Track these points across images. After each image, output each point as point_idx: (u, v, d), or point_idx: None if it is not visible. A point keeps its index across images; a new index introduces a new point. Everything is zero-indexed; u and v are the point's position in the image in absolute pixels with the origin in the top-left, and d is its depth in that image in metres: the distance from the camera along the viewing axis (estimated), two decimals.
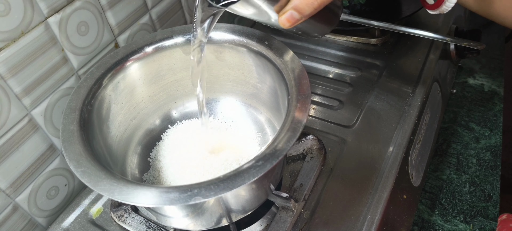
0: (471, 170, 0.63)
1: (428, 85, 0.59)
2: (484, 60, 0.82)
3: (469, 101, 0.74)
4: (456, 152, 0.66)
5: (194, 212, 0.39)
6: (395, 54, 0.66)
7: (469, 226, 0.56)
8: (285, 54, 0.43)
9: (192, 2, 0.69)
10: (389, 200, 0.46)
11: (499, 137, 0.67)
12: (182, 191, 0.32)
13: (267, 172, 0.33)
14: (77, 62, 0.51)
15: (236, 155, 0.47)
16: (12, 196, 0.47)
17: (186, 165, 0.46)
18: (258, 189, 0.41)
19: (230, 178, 0.32)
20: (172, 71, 0.50)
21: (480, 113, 0.72)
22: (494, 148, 0.66)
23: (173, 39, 0.48)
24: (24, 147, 0.47)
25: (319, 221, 0.44)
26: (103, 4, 0.52)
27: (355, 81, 0.62)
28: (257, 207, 0.43)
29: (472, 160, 0.65)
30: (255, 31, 0.47)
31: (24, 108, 0.46)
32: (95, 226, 0.48)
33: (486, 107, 0.73)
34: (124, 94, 0.47)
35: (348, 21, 0.56)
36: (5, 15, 0.41)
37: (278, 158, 0.33)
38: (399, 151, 0.50)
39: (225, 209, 0.40)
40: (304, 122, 0.36)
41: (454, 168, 0.64)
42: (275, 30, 0.44)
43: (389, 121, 0.54)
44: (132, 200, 0.32)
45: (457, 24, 0.71)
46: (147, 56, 0.47)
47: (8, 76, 0.43)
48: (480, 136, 0.68)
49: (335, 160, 0.50)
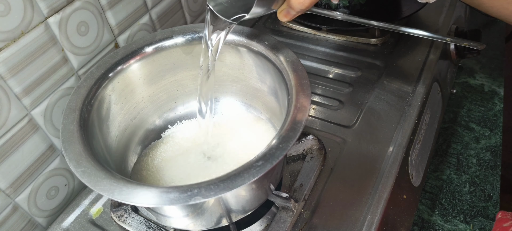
0: (471, 170, 0.63)
1: (428, 85, 0.59)
2: (484, 60, 0.82)
3: (469, 101, 0.74)
4: (456, 152, 0.66)
5: (194, 212, 0.39)
6: (395, 54, 0.66)
7: (469, 226, 0.56)
8: (285, 54, 0.43)
9: (192, 2, 0.69)
10: (389, 200, 0.46)
11: (499, 137, 0.67)
12: (182, 191, 0.32)
13: (267, 172, 0.32)
14: (77, 62, 0.51)
15: (236, 155, 0.47)
16: (12, 196, 0.47)
17: (185, 166, 0.46)
18: (258, 189, 0.41)
19: (230, 178, 0.32)
20: (172, 71, 0.50)
21: (480, 114, 0.72)
22: (494, 148, 0.66)
23: (173, 39, 0.48)
24: (24, 147, 0.47)
25: (319, 221, 0.44)
26: (103, 4, 0.52)
27: (355, 81, 0.61)
28: (257, 207, 0.43)
29: (472, 160, 0.65)
30: (255, 31, 0.47)
31: (24, 108, 0.46)
32: (95, 226, 0.48)
33: (486, 107, 0.73)
34: (124, 94, 0.47)
35: (348, 21, 0.56)
36: (5, 15, 0.41)
37: (278, 158, 0.33)
38: (399, 151, 0.50)
39: (225, 209, 0.40)
40: (304, 122, 0.36)
41: (454, 168, 0.64)
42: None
43: (389, 121, 0.54)
44: (132, 200, 0.32)
45: (457, 24, 0.71)
46: (147, 56, 0.47)
47: (8, 76, 0.43)
48: (480, 136, 0.68)
49: (335, 160, 0.50)
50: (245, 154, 0.48)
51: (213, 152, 0.49)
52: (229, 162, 0.46)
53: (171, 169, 0.47)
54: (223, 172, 0.33)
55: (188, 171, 0.46)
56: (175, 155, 0.48)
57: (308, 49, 0.69)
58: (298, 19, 0.70)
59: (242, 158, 0.47)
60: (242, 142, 0.50)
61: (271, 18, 0.77)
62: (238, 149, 0.49)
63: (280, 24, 0.75)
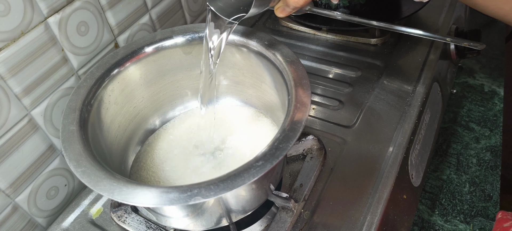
0: (471, 170, 0.63)
1: (428, 85, 0.59)
2: (484, 60, 0.82)
3: (469, 101, 0.74)
4: (456, 152, 0.66)
5: (194, 212, 0.39)
6: (395, 54, 0.65)
7: (469, 226, 0.56)
8: (285, 54, 0.43)
9: (192, 2, 0.69)
10: (389, 200, 0.46)
11: (499, 137, 0.67)
12: (182, 191, 0.31)
13: (267, 172, 0.32)
14: (77, 62, 0.51)
15: (237, 154, 0.47)
16: (12, 196, 0.47)
17: (185, 165, 0.46)
18: (258, 189, 0.41)
19: (230, 178, 0.32)
20: (172, 71, 0.50)
21: (480, 114, 0.72)
22: (494, 148, 0.66)
23: (173, 39, 0.48)
24: (24, 147, 0.47)
25: (319, 221, 0.44)
26: (103, 4, 0.52)
27: (355, 81, 0.61)
28: (257, 207, 0.43)
29: (472, 160, 0.65)
30: (255, 31, 0.47)
31: (24, 108, 0.46)
32: (95, 226, 0.48)
33: (486, 107, 0.73)
34: (124, 94, 0.47)
35: (348, 21, 0.56)
36: (5, 15, 0.41)
37: (278, 158, 0.33)
38: (399, 151, 0.50)
39: (225, 209, 0.40)
40: (304, 122, 0.36)
41: (454, 168, 0.64)
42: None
43: (389, 121, 0.54)
44: (132, 200, 0.32)
45: (457, 25, 0.71)
46: (147, 57, 0.47)
47: (8, 76, 0.43)
48: (480, 136, 0.68)
49: (335, 160, 0.50)
50: (245, 153, 0.48)
51: (214, 151, 0.49)
52: (229, 162, 0.46)
53: (170, 169, 0.47)
54: (224, 171, 0.33)
55: (188, 172, 0.46)
56: (175, 154, 0.48)
57: (308, 49, 0.69)
58: (298, 19, 0.70)
59: (244, 157, 0.47)
60: (243, 141, 0.50)
61: (271, 18, 0.77)
62: (239, 148, 0.49)
63: (280, 24, 0.75)
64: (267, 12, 0.77)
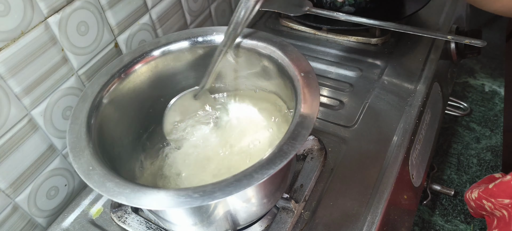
0: (472, 170, 0.63)
1: (429, 85, 0.59)
2: (485, 60, 0.82)
3: (469, 101, 0.74)
4: (457, 152, 0.66)
5: (200, 218, 0.38)
6: (396, 54, 0.65)
7: (469, 226, 0.56)
8: (293, 55, 0.43)
9: (192, 2, 0.69)
10: (390, 200, 0.46)
11: (499, 137, 0.67)
12: (192, 192, 0.31)
13: (278, 177, 0.33)
14: (77, 62, 0.51)
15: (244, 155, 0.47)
16: (12, 196, 0.47)
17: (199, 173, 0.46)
18: (267, 197, 0.41)
19: (237, 180, 0.32)
20: (178, 75, 0.50)
21: (481, 114, 0.72)
22: (495, 148, 0.66)
23: (178, 43, 0.48)
24: (24, 147, 0.47)
25: (319, 222, 0.44)
26: (103, 4, 0.52)
27: (355, 81, 0.61)
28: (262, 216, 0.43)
29: (473, 160, 0.65)
30: (261, 33, 0.46)
31: (24, 108, 0.46)
32: (95, 226, 0.48)
33: (487, 107, 0.73)
34: (129, 99, 0.47)
35: (348, 21, 0.56)
36: (5, 15, 0.41)
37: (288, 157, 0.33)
38: (399, 151, 0.50)
39: (231, 220, 0.40)
40: (313, 121, 0.36)
41: (454, 168, 0.64)
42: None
43: (389, 121, 0.54)
44: (141, 204, 0.32)
45: (457, 24, 0.71)
46: (153, 61, 0.47)
47: (8, 76, 0.43)
48: (481, 136, 0.68)
49: (336, 160, 0.50)
50: (253, 154, 0.48)
51: (226, 156, 0.48)
52: (236, 167, 0.46)
53: (186, 176, 0.47)
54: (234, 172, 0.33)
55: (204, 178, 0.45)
56: (190, 162, 0.48)
57: (309, 49, 0.69)
58: (299, 19, 0.70)
59: (253, 158, 0.47)
60: (255, 146, 0.49)
61: (272, 18, 0.77)
62: (251, 153, 0.48)
63: (280, 24, 0.74)
64: (267, 12, 0.77)
